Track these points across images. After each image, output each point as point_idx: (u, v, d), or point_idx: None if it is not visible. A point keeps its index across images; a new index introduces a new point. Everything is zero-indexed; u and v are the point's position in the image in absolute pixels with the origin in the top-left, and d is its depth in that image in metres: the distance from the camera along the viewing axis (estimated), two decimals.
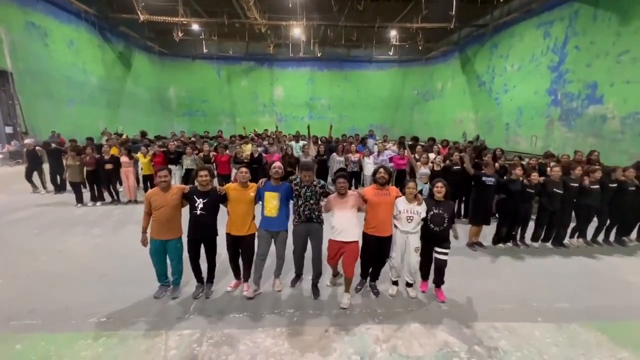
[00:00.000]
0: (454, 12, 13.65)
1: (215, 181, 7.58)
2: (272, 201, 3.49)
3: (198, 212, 3.38)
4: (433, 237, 3.50)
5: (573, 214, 5.32)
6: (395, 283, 3.73)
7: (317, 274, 3.66)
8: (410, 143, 9.68)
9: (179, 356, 2.65)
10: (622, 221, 5.45)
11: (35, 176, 8.37)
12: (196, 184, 3.48)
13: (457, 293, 3.67)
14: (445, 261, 3.53)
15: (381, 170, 3.53)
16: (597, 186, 5.14)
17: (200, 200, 3.38)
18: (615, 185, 5.21)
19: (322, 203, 3.58)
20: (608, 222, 5.47)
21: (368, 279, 3.81)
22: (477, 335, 2.94)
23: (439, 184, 3.51)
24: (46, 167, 8.40)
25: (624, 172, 5.28)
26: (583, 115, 11.15)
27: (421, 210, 3.44)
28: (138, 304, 3.40)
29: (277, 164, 3.59)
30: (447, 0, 13.39)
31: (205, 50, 21.03)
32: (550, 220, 5.14)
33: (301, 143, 9.90)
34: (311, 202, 3.47)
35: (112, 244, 5.06)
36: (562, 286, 3.94)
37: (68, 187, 8.10)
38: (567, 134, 11.75)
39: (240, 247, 3.55)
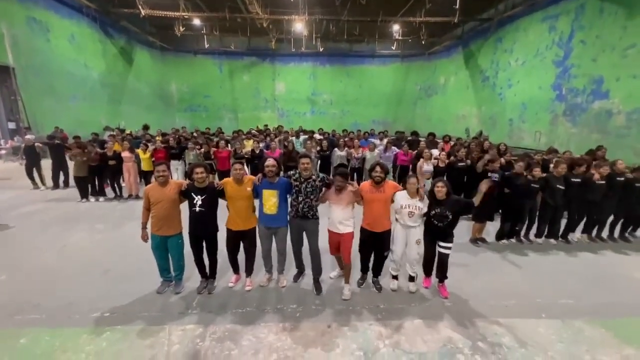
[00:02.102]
0: (457, 6, 13.45)
1: (217, 177, 7.60)
2: (271, 199, 3.45)
3: (197, 208, 3.37)
4: (436, 231, 3.49)
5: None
6: (395, 277, 3.73)
7: (317, 271, 3.67)
8: (410, 138, 9.62)
9: (182, 351, 2.66)
10: (629, 217, 5.40)
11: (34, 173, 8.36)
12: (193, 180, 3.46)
13: (460, 289, 3.65)
14: (447, 255, 3.52)
15: (377, 169, 3.45)
16: (603, 182, 5.09)
17: (199, 197, 3.37)
18: (622, 179, 5.16)
19: (322, 194, 3.59)
20: (612, 217, 5.42)
21: (370, 274, 3.82)
22: (481, 331, 2.93)
23: (440, 184, 3.46)
24: (46, 163, 8.40)
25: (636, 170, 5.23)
26: (588, 110, 11.02)
27: (422, 205, 3.44)
28: (141, 299, 3.41)
29: (270, 161, 3.46)
30: None
31: (207, 45, 20.88)
32: (553, 216, 5.11)
33: (302, 138, 9.87)
34: (311, 197, 3.45)
35: (115, 240, 5.07)
36: (566, 282, 3.92)
37: (71, 183, 8.12)
38: (572, 130, 11.64)
39: (242, 241, 3.57)
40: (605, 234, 5.46)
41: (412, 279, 3.69)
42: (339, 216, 3.43)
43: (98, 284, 3.72)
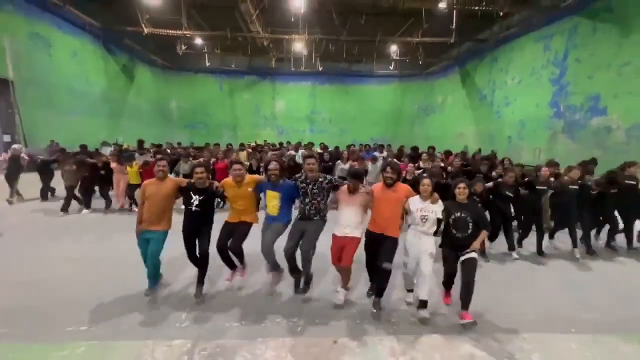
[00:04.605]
0: (454, 26, 13.80)
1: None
2: (272, 200, 3.38)
3: (193, 208, 3.25)
4: (457, 244, 3.06)
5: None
6: (411, 290, 3.30)
7: (306, 274, 3.36)
8: (410, 153, 9.49)
9: None
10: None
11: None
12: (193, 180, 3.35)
13: (478, 304, 3.28)
14: (475, 264, 2.97)
15: (388, 169, 3.12)
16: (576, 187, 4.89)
17: (197, 197, 3.25)
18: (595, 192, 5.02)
19: (332, 197, 3.36)
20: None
21: (372, 296, 3.28)
22: (506, 347, 2.60)
23: (462, 185, 3.09)
24: (26, 176, 8.10)
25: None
26: (586, 127, 11.05)
27: (437, 209, 3.08)
28: (124, 311, 3.05)
29: (273, 165, 3.37)
30: (448, 16, 13.58)
31: (208, 64, 21.22)
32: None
33: (300, 152, 9.74)
34: (318, 199, 3.27)
35: (101, 252, 4.69)
36: (589, 296, 3.61)
37: (57, 193, 7.95)
38: (571, 146, 11.61)
39: (233, 232, 3.41)
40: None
41: (423, 304, 2.99)
42: (349, 219, 3.17)
43: (79, 296, 3.35)
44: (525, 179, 5.03)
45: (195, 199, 3.22)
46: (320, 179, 3.31)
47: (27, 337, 2.65)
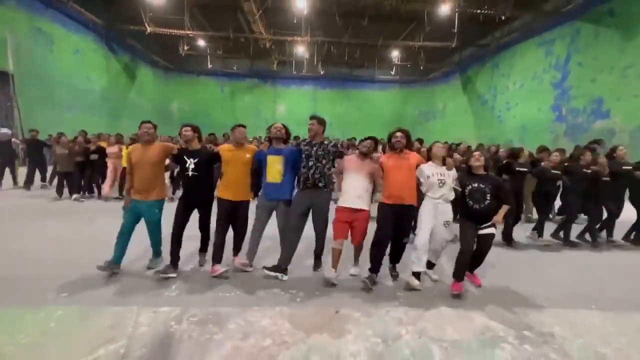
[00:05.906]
0: (455, 29, 13.86)
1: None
2: (275, 165, 3.09)
3: (190, 173, 3.00)
4: (475, 215, 2.84)
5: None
6: (417, 276, 2.87)
7: (320, 248, 3.17)
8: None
9: (151, 333, 2.07)
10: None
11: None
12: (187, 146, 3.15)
13: (493, 281, 3.10)
14: (492, 237, 2.81)
15: (397, 134, 2.94)
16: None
17: (191, 160, 3.01)
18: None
19: (337, 164, 3.15)
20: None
21: (389, 262, 3.13)
22: (524, 320, 2.38)
23: (477, 153, 2.95)
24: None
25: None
26: (589, 130, 10.96)
27: (451, 175, 2.92)
28: (109, 282, 2.82)
29: (278, 125, 3.25)
30: (449, 20, 13.66)
31: (209, 66, 21.30)
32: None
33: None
34: (323, 162, 3.04)
35: (88, 231, 4.45)
36: (610, 277, 3.41)
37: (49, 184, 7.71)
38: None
39: (232, 214, 3.09)
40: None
41: (431, 265, 3.07)
42: (358, 187, 2.93)
43: (62, 268, 3.11)
44: (504, 162, 4.83)
45: (191, 163, 2.99)
46: (326, 142, 3.14)
47: (2, 301, 2.43)
